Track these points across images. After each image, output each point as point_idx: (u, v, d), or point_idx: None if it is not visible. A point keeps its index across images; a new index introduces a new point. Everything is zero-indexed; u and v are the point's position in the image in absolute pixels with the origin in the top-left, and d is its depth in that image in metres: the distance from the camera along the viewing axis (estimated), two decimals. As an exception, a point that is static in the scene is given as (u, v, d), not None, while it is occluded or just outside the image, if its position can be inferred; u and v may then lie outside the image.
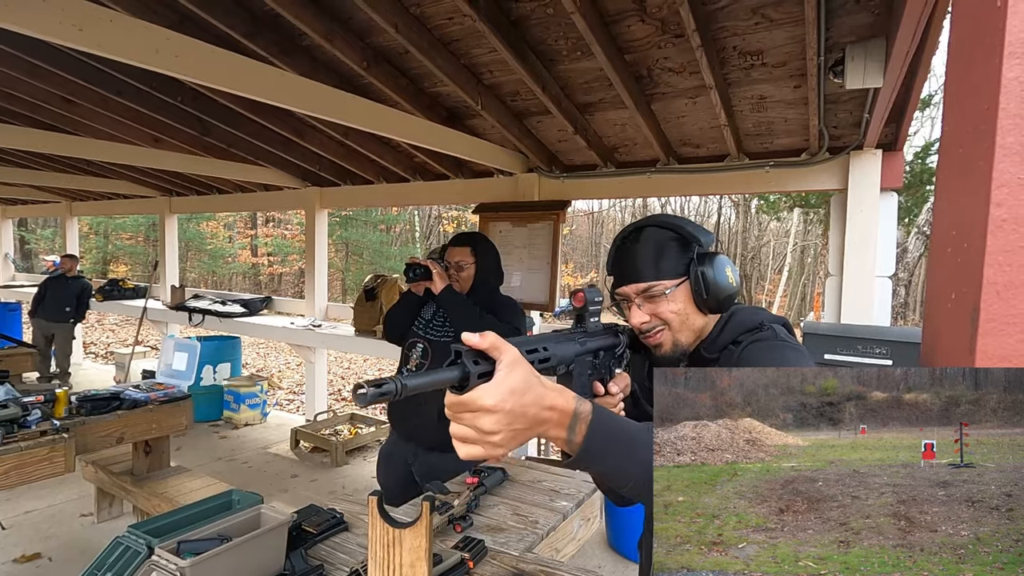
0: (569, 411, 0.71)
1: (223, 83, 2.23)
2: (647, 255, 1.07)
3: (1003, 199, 0.47)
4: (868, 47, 2.16)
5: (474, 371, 0.65)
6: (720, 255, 1.07)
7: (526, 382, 0.67)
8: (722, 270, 1.04)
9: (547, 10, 2.35)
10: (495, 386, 0.65)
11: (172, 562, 1.35)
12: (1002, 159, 0.47)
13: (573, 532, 2.00)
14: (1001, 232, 0.47)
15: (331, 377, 8.51)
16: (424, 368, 2.28)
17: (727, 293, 1.05)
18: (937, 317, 0.62)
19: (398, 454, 2.36)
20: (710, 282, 1.04)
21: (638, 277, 1.07)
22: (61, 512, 3.58)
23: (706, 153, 3.42)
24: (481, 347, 0.66)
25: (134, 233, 18.83)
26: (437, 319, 2.35)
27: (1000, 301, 0.48)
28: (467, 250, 2.34)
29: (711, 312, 1.08)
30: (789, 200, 11.43)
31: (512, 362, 0.66)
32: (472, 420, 0.65)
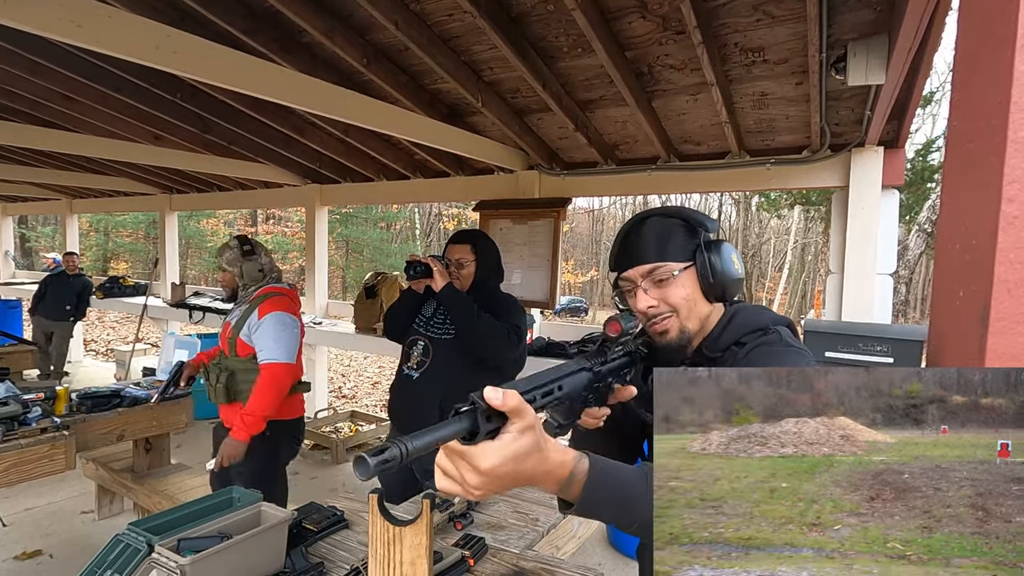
0: (564, 475, 0.72)
1: (223, 80, 2.22)
2: (653, 239, 1.05)
3: (1015, 195, 0.46)
4: (870, 44, 2.15)
5: (484, 428, 0.65)
6: (726, 242, 1.06)
7: (530, 449, 0.67)
8: (728, 257, 1.03)
9: (548, 7, 2.34)
10: (497, 451, 0.64)
11: (172, 559, 1.35)
12: (1014, 154, 0.46)
13: (573, 530, 2.00)
14: (1012, 229, 0.47)
15: (331, 375, 8.51)
16: (425, 366, 2.28)
17: (733, 279, 1.03)
18: (944, 315, 0.62)
19: None
20: (717, 268, 1.02)
21: (644, 259, 1.04)
22: (61, 509, 3.58)
23: (707, 150, 3.41)
24: (504, 408, 0.65)
25: (134, 230, 18.82)
26: (438, 316, 2.34)
27: (1011, 299, 0.47)
28: (467, 247, 2.33)
29: (716, 300, 1.06)
30: (790, 197, 11.42)
31: (523, 429, 0.66)
32: (462, 469, 0.65)
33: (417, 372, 2.29)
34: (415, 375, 2.29)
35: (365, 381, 8.56)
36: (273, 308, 2.45)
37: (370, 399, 7.54)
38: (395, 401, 2.40)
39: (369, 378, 8.75)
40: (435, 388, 2.24)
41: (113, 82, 3.32)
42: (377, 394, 7.80)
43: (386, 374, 8.99)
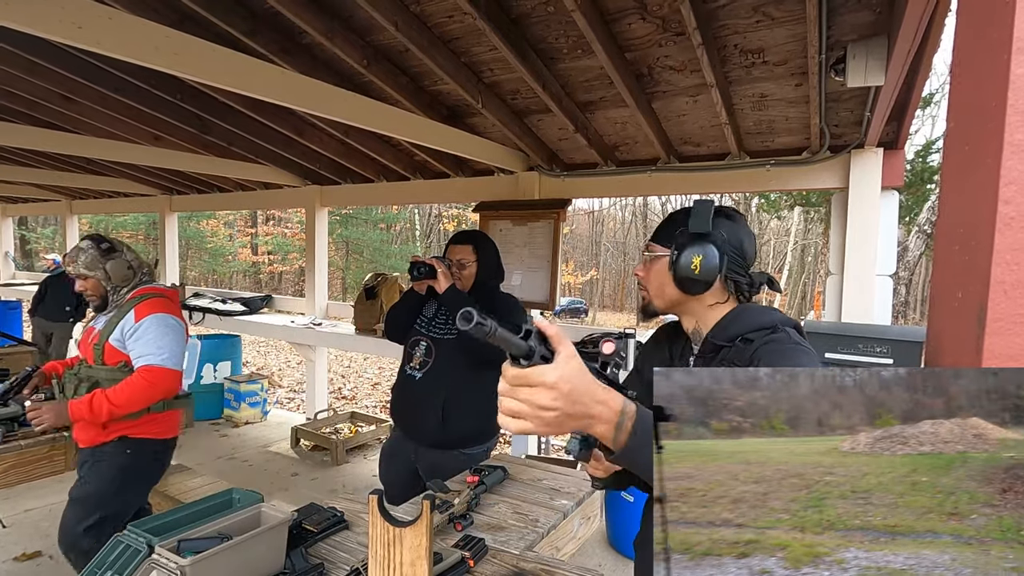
0: (617, 409, 0.77)
1: (223, 81, 2.22)
2: (664, 221, 1.23)
3: (1011, 196, 0.47)
4: (869, 45, 2.15)
5: (538, 350, 0.70)
6: (695, 246, 1.14)
7: (582, 373, 0.73)
8: (689, 257, 1.14)
9: (547, 8, 2.34)
10: (557, 367, 0.70)
11: (172, 560, 1.35)
12: (1010, 156, 0.47)
13: (573, 531, 2.00)
14: (1009, 230, 0.47)
15: (331, 376, 8.52)
16: (428, 366, 2.29)
17: (685, 275, 1.14)
18: (942, 316, 0.62)
19: (401, 452, 2.37)
20: (677, 262, 1.14)
21: (653, 236, 1.24)
22: (61, 510, 3.57)
23: (707, 151, 3.41)
24: (548, 332, 0.71)
25: (134, 231, 18.82)
26: (439, 317, 2.35)
27: (1008, 300, 0.47)
28: (469, 248, 2.34)
29: (681, 289, 1.16)
30: (790, 199, 11.42)
31: (571, 355, 0.72)
32: (529, 395, 0.70)
33: (420, 372, 2.30)
34: (418, 375, 2.30)
35: (365, 382, 8.56)
36: (153, 310, 2.18)
37: (370, 400, 7.54)
38: (398, 401, 2.40)
39: (369, 379, 8.75)
40: (438, 388, 2.25)
41: (113, 83, 3.32)
42: (377, 395, 7.80)
43: (386, 375, 8.99)
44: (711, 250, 1.12)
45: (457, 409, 2.24)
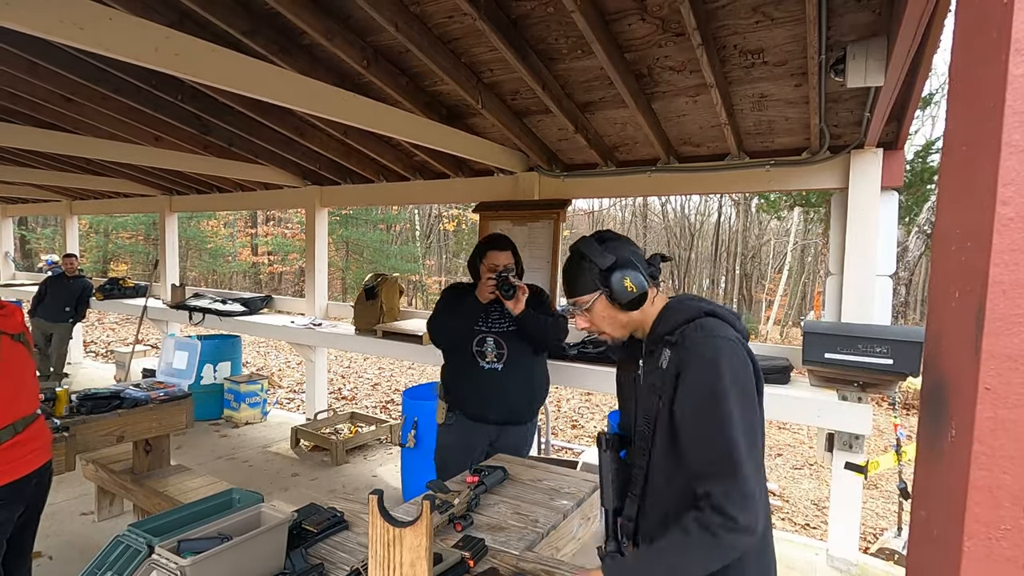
0: None
1: (223, 81, 2.22)
2: (568, 278, 1.38)
3: (1009, 197, 0.47)
4: (869, 45, 2.16)
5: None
6: (615, 274, 1.30)
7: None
8: (620, 281, 1.30)
9: (547, 9, 2.35)
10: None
11: (172, 561, 1.35)
12: (1008, 157, 0.47)
13: (573, 531, 2.00)
14: (1007, 231, 0.47)
15: (331, 376, 8.51)
16: (504, 358, 2.56)
17: (629, 297, 1.31)
18: (940, 316, 0.62)
19: (477, 436, 2.59)
20: (615, 292, 1.31)
21: (569, 293, 1.38)
22: (61, 511, 3.58)
23: (707, 152, 3.41)
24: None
25: (134, 232, 18.80)
26: (493, 314, 2.58)
27: (1006, 300, 0.47)
28: (508, 253, 2.55)
29: (632, 309, 1.33)
30: (789, 199, 11.41)
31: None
32: None
33: (500, 364, 2.57)
34: (499, 367, 2.56)
35: (365, 383, 8.55)
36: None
37: (370, 400, 7.53)
38: (476, 393, 2.58)
39: (369, 380, 8.74)
40: (517, 375, 2.58)
41: (113, 83, 3.32)
42: (377, 395, 7.80)
43: (386, 375, 8.99)
44: (627, 270, 1.30)
45: (532, 386, 2.65)
